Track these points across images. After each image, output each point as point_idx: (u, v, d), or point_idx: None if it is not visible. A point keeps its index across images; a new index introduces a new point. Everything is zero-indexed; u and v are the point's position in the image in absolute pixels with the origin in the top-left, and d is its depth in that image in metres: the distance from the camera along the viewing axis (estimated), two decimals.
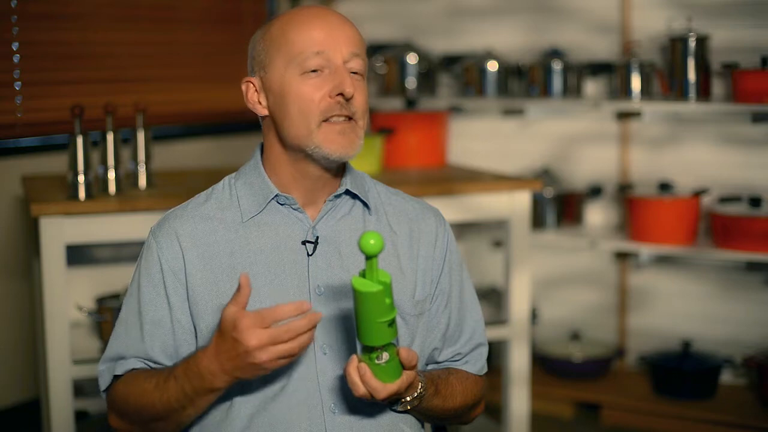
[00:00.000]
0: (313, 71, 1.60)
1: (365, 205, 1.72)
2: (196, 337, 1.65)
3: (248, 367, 1.47)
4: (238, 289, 1.46)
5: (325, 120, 1.60)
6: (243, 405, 1.61)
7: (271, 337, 1.44)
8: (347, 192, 1.69)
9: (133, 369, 1.64)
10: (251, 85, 1.68)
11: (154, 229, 1.68)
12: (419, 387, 1.60)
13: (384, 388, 1.51)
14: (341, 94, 1.59)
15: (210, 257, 1.64)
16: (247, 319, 1.44)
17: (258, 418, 1.61)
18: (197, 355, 1.52)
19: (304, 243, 1.65)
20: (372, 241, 1.41)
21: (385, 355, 1.49)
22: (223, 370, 1.49)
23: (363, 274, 1.45)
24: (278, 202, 1.67)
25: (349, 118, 1.61)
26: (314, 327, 1.46)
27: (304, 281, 1.64)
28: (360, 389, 1.51)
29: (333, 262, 1.66)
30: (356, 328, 1.48)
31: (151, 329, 1.64)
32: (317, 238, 1.66)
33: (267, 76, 1.64)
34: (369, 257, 1.43)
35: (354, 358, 1.51)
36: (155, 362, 1.64)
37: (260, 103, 1.67)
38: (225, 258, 1.64)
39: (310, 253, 1.65)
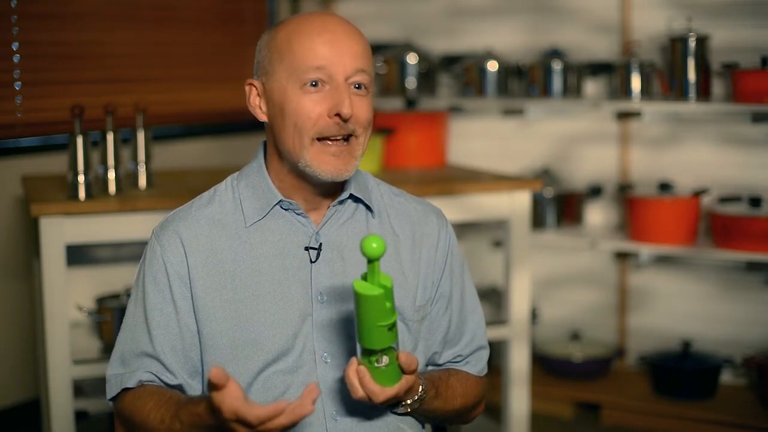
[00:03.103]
0: (313, 85, 1.57)
1: (368, 208, 1.70)
2: (200, 341, 1.64)
3: None
4: (210, 379, 1.38)
5: (321, 138, 1.58)
6: None
7: (257, 430, 1.40)
8: (351, 196, 1.68)
9: (141, 382, 1.62)
10: (254, 88, 1.66)
11: (158, 231, 1.66)
12: (419, 390, 1.60)
13: (382, 392, 1.50)
14: (339, 115, 1.56)
15: (214, 263, 1.63)
16: (228, 413, 1.38)
17: None
18: (200, 410, 1.46)
19: (307, 249, 1.65)
20: (374, 245, 1.40)
21: (385, 359, 1.49)
22: (228, 429, 1.44)
23: (365, 277, 1.45)
24: (282, 207, 1.65)
25: (347, 137, 1.59)
26: (299, 420, 1.40)
27: (306, 288, 1.63)
28: (359, 392, 1.50)
29: (336, 268, 1.65)
30: (356, 330, 1.47)
31: (158, 334, 1.62)
32: (320, 244, 1.65)
33: (269, 83, 1.62)
34: (371, 260, 1.42)
35: (353, 360, 1.51)
36: (165, 366, 1.62)
37: (260, 108, 1.65)
38: (228, 264, 1.63)
39: (313, 260, 1.64)
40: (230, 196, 1.68)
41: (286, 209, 1.66)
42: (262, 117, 1.66)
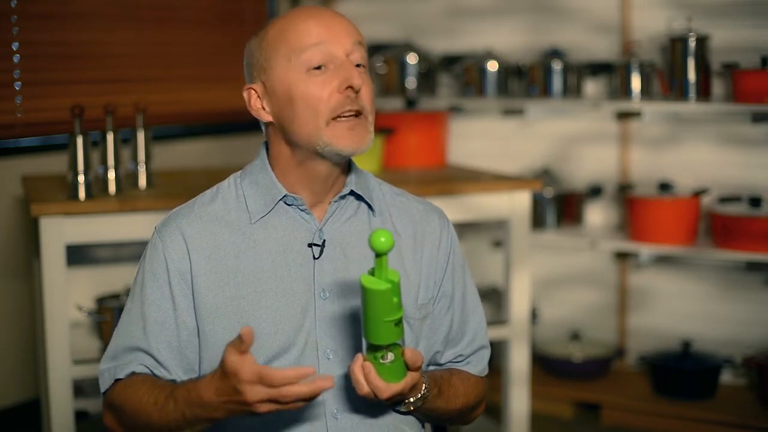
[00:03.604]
0: (317, 68, 1.58)
1: (370, 206, 1.71)
2: (199, 338, 1.64)
3: (243, 412, 1.47)
4: (240, 338, 1.41)
5: (334, 117, 1.58)
6: None
7: (271, 396, 1.42)
8: (352, 193, 1.68)
9: (134, 373, 1.63)
10: (253, 92, 1.66)
11: (160, 228, 1.66)
12: (423, 388, 1.60)
13: (388, 388, 1.50)
14: (350, 87, 1.57)
15: (216, 259, 1.63)
16: (248, 373, 1.41)
17: (259, 422, 1.60)
18: (199, 385, 1.49)
19: (310, 246, 1.65)
20: (382, 239, 1.41)
21: (390, 355, 1.49)
22: (222, 408, 1.48)
23: (372, 272, 1.45)
24: (285, 203, 1.66)
25: (358, 114, 1.60)
26: (318, 394, 1.44)
27: (309, 284, 1.63)
28: (364, 388, 1.50)
29: (338, 265, 1.65)
30: (363, 326, 1.47)
31: (154, 329, 1.62)
32: (324, 241, 1.65)
33: (269, 79, 1.62)
34: (378, 255, 1.43)
35: (359, 356, 1.51)
36: (158, 362, 1.63)
37: (264, 108, 1.65)
38: (231, 260, 1.63)
39: (316, 257, 1.64)
40: (233, 194, 1.68)
41: (290, 204, 1.66)
42: (267, 117, 1.65)
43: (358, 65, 1.61)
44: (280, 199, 1.65)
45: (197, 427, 1.55)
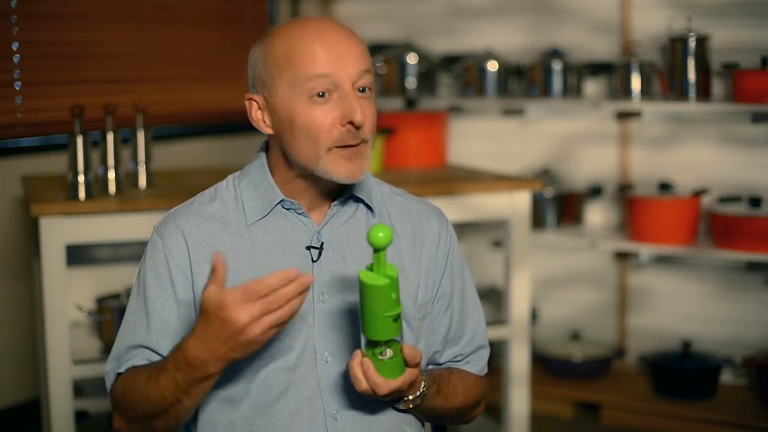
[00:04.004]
0: (320, 95, 1.56)
1: (369, 207, 1.70)
2: None
3: (241, 346, 1.44)
4: (213, 270, 1.41)
5: (335, 146, 1.58)
6: (244, 411, 1.60)
7: (261, 309, 1.40)
8: (352, 196, 1.68)
9: (134, 366, 1.62)
10: (254, 103, 1.64)
11: (159, 227, 1.66)
12: (422, 386, 1.60)
13: (386, 384, 1.50)
14: (351, 123, 1.56)
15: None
16: (233, 295, 1.40)
17: (259, 424, 1.60)
18: (182, 345, 1.47)
19: (308, 248, 1.65)
20: (380, 234, 1.40)
21: (389, 352, 1.49)
22: (214, 356, 1.45)
23: (370, 268, 1.45)
24: (283, 207, 1.65)
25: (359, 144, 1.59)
26: (305, 290, 1.42)
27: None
28: (362, 384, 1.50)
29: (337, 268, 1.65)
30: (361, 322, 1.47)
31: (158, 326, 1.61)
32: (322, 243, 1.65)
33: (271, 97, 1.61)
34: (377, 250, 1.42)
35: (357, 353, 1.51)
36: (162, 357, 1.61)
37: (264, 121, 1.64)
38: (230, 259, 1.61)
39: (314, 259, 1.64)
40: (232, 195, 1.68)
41: (287, 209, 1.66)
42: (267, 130, 1.64)
43: (362, 89, 1.59)
44: (277, 204, 1.65)
45: (195, 394, 1.51)
